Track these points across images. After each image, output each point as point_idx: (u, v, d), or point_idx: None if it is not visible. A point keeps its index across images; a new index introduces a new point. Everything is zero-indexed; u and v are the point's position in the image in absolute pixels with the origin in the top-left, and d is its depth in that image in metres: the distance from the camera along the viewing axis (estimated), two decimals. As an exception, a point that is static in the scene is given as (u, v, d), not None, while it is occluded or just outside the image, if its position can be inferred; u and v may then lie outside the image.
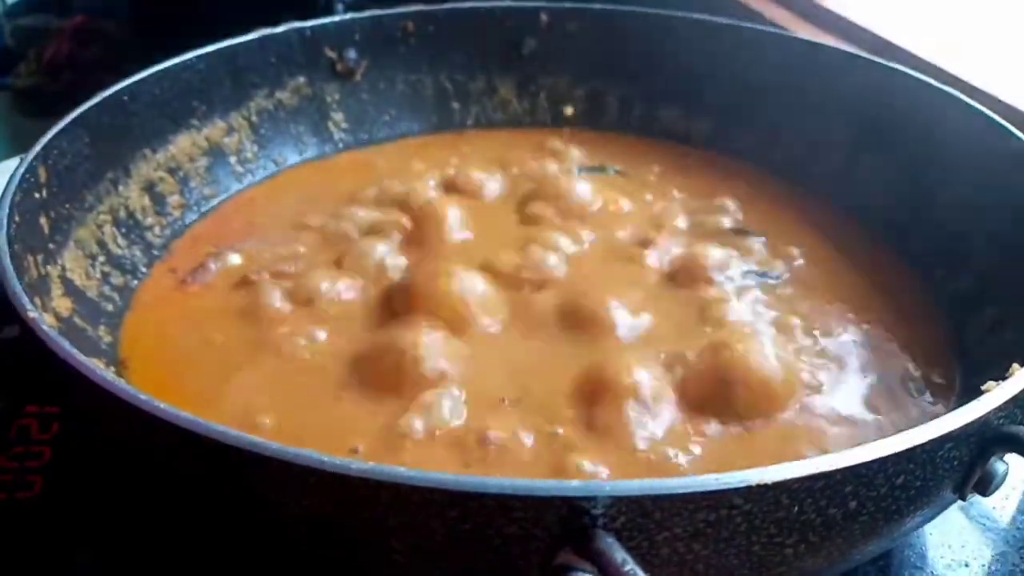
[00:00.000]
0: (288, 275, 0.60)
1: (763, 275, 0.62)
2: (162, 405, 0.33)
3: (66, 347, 0.37)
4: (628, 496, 0.30)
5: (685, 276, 0.60)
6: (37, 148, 0.53)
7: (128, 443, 0.37)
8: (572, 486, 0.30)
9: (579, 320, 0.55)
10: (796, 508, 0.33)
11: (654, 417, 0.48)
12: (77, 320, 0.53)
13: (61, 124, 0.56)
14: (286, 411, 0.49)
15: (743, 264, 0.62)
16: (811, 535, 0.34)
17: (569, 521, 0.30)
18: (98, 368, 0.35)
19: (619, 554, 0.30)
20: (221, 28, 0.72)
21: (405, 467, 0.30)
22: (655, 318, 0.56)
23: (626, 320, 0.55)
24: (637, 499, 0.30)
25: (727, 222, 0.68)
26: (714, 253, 0.61)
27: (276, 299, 0.57)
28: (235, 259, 0.63)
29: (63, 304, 0.52)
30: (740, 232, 0.66)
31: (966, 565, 0.50)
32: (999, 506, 0.53)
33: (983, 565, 0.50)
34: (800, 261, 0.64)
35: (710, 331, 0.55)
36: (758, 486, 0.31)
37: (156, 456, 0.36)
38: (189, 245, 0.66)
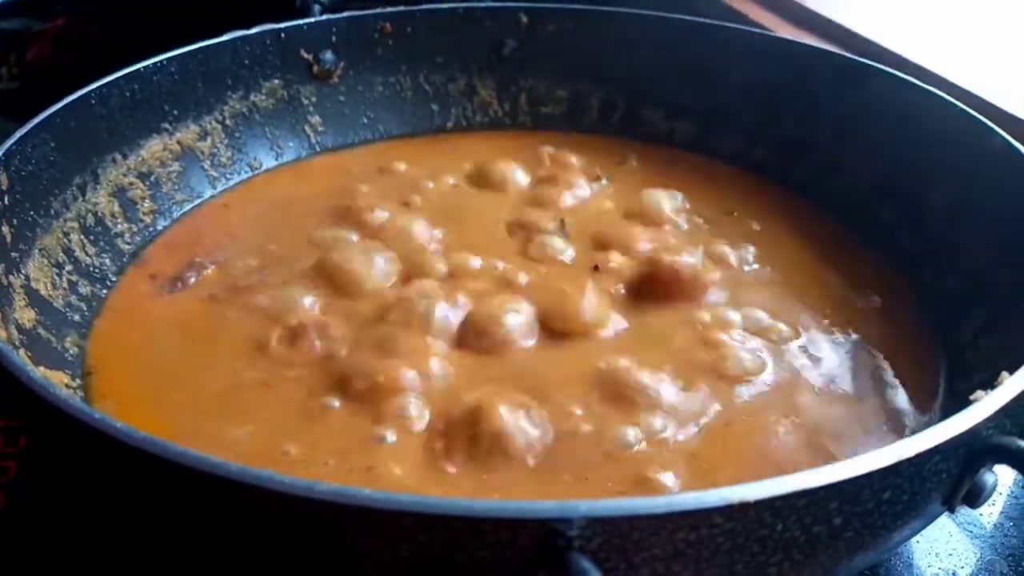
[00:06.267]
0: (263, 285, 0.59)
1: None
2: (118, 424, 0.32)
3: (14, 360, 0.35)
4: (605, 517, 0.29)
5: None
6: (-3, 154, 0.52)
7: (82, 460, 0.35)
8: (546, 507, 0.29)
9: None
10: (779, 526, 0.32)
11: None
12: (41, 331, 0.51)
13: (24, 129, 0.55)
14: (263, 422, 0.48)
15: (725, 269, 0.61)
16: (795, 553, 0.33)
17: (543, 544, 0.29)
18: (47, 382, 0.34)
19: (596, 578, 0.28)
20: (203, 30, 0.70)
21: (371, 489, 0.29)
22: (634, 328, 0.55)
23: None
24: (614, 520, 0.29)
25: (707, 224, 0.67)
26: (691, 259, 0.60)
27: (252, 308, 0.56)
28: (211, 268, 0.61)
29: (26, 315, 0.51)
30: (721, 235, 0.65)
31: (954, 574, 0.49)
32: (986, 511, 0.53)
33: (971, 574, 0.49)
34: (783, 262, 0.63)
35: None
36: (740, 504, 0.30)
37: (111, 475, 0.34)
38: (163, 252, 0.64)
